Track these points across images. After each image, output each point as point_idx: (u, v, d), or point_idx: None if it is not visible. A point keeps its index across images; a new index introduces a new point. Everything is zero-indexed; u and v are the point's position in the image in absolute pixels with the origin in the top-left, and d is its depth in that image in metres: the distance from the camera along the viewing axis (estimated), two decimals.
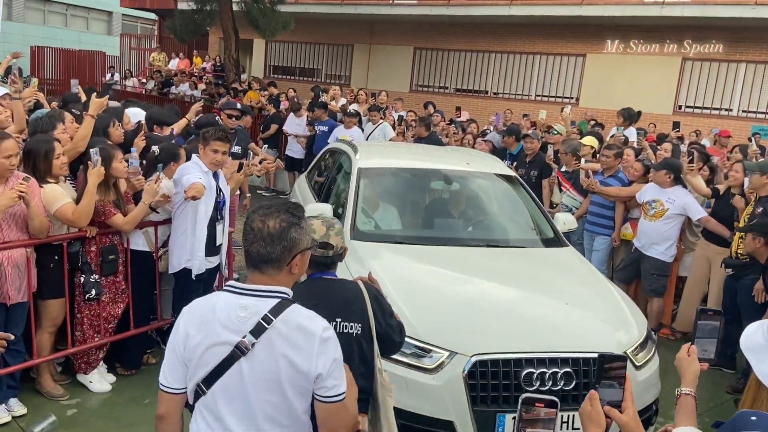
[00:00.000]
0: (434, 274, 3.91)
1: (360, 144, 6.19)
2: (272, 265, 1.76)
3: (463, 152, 6.39)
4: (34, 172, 3.69)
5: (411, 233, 4.55)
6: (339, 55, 18.90)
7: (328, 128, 9.28)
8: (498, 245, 4.38)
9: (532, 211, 4.91)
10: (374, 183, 4.84)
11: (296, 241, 1.78)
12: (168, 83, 17.17)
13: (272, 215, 1.76)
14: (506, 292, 3.76)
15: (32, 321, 3.77)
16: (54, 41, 23.41)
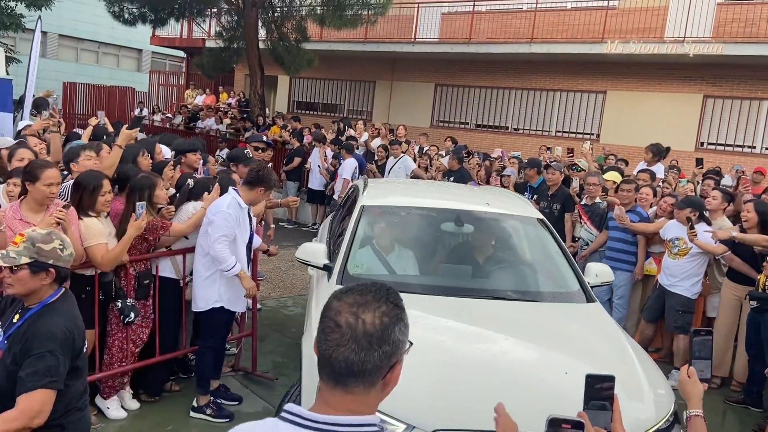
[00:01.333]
0: (419, 328, 3.18)
1: (375, 180, 5.81)
2: (364, 381, 1.23)
3: (488, 191, 5.79)
4: (79, 203, 3.82)
5: (407, 280, 4.01)
6: (361, 91, 19.25)
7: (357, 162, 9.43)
8: (507, 298, 3.78)
9: (557, 259, 4.23)
10: (376, 222, 4.43)
11: (399, 345, 1.26)
12: (195, 118, 17.62)
13: (369, 306, 1.25)
14: (500, 356, 3.07)
15: None
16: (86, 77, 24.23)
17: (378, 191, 4.86)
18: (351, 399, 1.24)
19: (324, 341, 1.23)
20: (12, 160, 4.39)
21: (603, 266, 4.33)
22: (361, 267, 4.04)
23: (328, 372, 1.23)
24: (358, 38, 16.92)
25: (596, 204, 6.48)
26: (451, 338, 3.26)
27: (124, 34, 25.74)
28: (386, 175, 9.55)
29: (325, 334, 1.24)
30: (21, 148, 4.55)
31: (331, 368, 1.22)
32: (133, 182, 4.13)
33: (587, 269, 4.23)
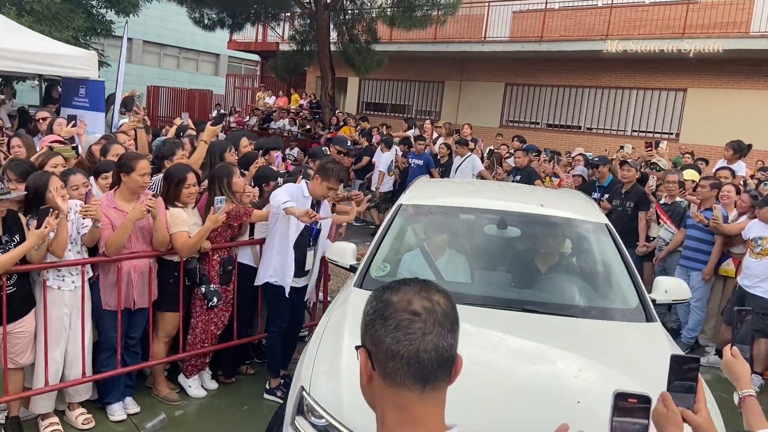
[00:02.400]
0: None
1: (426, 179, 5.38)
2: (447, 371, 1.14)
3: (549, 192, 5.28)
4: (166, 194, 4.10)
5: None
6: (429, 92, 19.30)
7: (424, 162, 9.50)
8: (545, 311, 3.26)
9: (617, 271, 3.69)
10: (411, 222, 4.14)
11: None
12: (268, 119, 18.19)
13: (432, 289, 1.17)
14: (512, 378, 2.65)
15: (150, 329, 4.14)
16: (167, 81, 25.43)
17: (421, 190, 4.57)
18: (437, 400, 1.12)
19: (404, 338, 1.09)
20: (107, 155, 4.75)
21: (676, 281, 3.74)
22: (385, 270, 3.72)
23: (415, 372, 1.09)
24: (428, 39, 16.99)
25: (676, 203, 6.28)
26: (474, 354, 2.71)
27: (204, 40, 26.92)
28: (452, 175, 9.56)
29: (402, 329, 1.10)
30: (114, 144, 4.90)
31: (419, 365, 1.08)
32: (212, 172, 4.38)
33: (656, 283, 3.66)
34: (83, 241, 3.76)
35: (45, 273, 3.61)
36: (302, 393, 2.62)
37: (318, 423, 2.49)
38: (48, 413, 3.77)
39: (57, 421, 3.78)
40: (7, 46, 7.21)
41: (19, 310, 3.53)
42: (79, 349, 3.78)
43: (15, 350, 3.54)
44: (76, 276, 3.74)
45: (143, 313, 4.06)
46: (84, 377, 3.83)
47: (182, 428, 4.00)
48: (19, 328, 3.53)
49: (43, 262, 3.57)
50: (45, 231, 3.32)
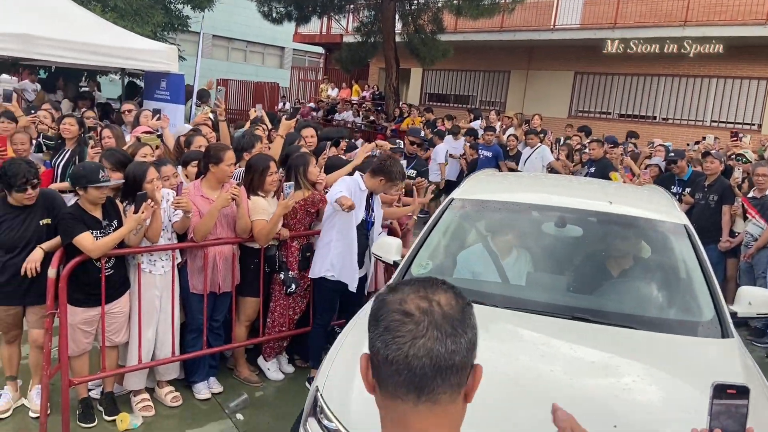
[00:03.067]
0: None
1: (480, 173, 5.01)
2: (451, 381, 0.97)
3: (621, 187, 4.79)
4: (250, 183, 4.23)
5: (480, 287, 3.33)
6: (494, 82, 19.02)
7: (493, 154, 9.38)
8: (604, 321, 2.92)
9: (693, 278, 3.30)
10: (461, 218, 3.84)
11: (476, 336, 1.02)
12: (332, 111, 18.42)
13: (437, 288, 1.02)
14: (549, 394, 2.26)
15: (233, 313, 4.29)
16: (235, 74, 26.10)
17: (476, 184, 4.25)
18: (439, 415, 0.97)
19: (392, 341, 0.96)
20: (190, 147, 4.93)
21: (761, 291, 3.32)
22: (426, 267, 3.46)
23: (406, 379, 0.95)
24: (494, 27, 16.72)
25: (766, 196, 5.97)
26: (506, 369, 2.51)
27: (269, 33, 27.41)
28: (520, 167, 9.41)
29: (391, 331, 0.96)
30: (197, 136, 5.09)
31: (410, 372, 0.95)
32: (289, 161, 4.48)
33: (740, 293, 3.26)
34: (174, 228, 3.94)
35: (140, 257, 3.80)
36: (317, 394, 2.53)
37: (329, 426, 2.37)
38: (140, 390, 3.97)
39: (148, 397, 3.98)
40: (95, 41, 7.58)
41: (116, 291, 3.73)
42: (169, 329, 3.96)
43: (111, 329, 3.75)
44: (166, 261, 3.92)
45: (227, 297, 4.21)
46: (173, 357, 4.01)
47: (263, 409, 4.13)
48: (115, 308, 3.73)
49: (138, 247, 3.76)
50: (143, 216, 3.50)
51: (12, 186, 3.50)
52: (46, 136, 5.74)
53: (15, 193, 3.53)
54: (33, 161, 3.88)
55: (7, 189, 3.55)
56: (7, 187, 3.54)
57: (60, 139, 5.49)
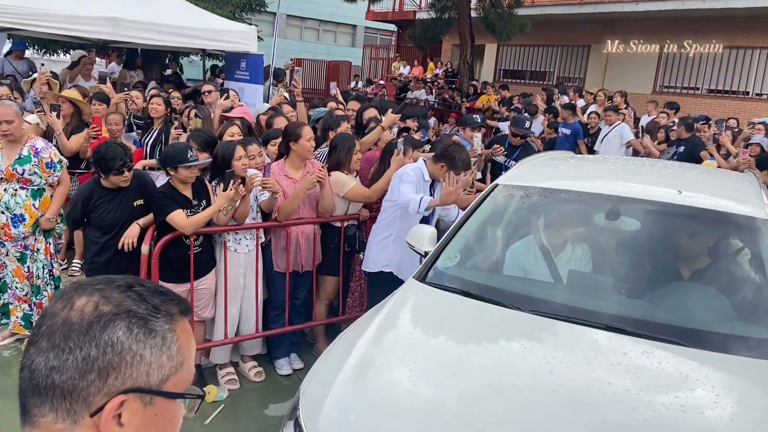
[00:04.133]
0: (469, 362, 2.34)
1: (536, 156, 4.51)
2: (52, 404, 0.78)
3: (699, 174, 4.08)
4: (336, 161, 4.26)
5: (511, 287, 2.92)
6: (573, 57, 18.29)
7: (572, 131, 9.04)
8: (658, 337, 2.39)
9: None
10: (504, 206, 3.39)
11: (123, 357, 0.80)
12: (405, 89, 18.29)
13: (90, 288, 0.84)
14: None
15: (314, 291, 4.35)
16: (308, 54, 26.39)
17: (529, 168, 3.77)
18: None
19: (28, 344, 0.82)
20: (272, 127, 5.01)
21: None
22: (455, 260, 3.10)
23: (19, 395, 0.81)
24: (575, 0, 16.03)
25: None
26: (524, 399, 2.09)
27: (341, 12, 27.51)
28: (597, 145, 9.02)
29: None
30: (278, 117, 5.16)
31: (20, 385, 0.81)
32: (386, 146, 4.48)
33: None
34: (261, 207, 4.02)
35: (226, 235, 3.91)
36: (298, 396, 2.37)
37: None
38: (225, 363, 4.11)
39: (233, 371, 4.11)
40: (178, 23, 7.80)
41: (203, 268, 3.85)
42: (253, 306, 4.07)
43: (199, 305, 3.88)
44: (250, 240, 4.01)
45: (308, 276, 4.27)
46: (257, 333, 4.12)
47: None
48: (203, 284, 3.86)
49: (226, 225, 3.86)
50: (232, 193, 3.58)
51: (110, 169, 3.64)
52: (135, 116, 5.98)
53: (112, 177, 3.68)
54: (126, 144, 4.03)
55: (105, 172, 3.68)
56: (104, 170, 3.68)
57: (149, 119, 5.70)
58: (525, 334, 2.50)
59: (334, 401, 2.11)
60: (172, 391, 0.82)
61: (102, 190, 3.76)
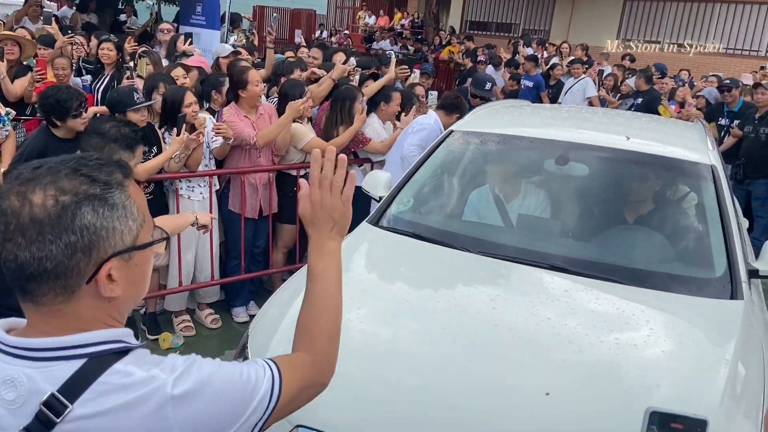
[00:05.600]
0: (419, 303, 2.38)
1: (492, 104, 4.48)
2: (52, 286, 0.91)
3: (648, 122, 4.11)
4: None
5: (462, 231, 2.96)
6: (538, 9, 18.17)
7: (534, 83, 9.05)
8: (588, 273, 2.49)
9: (710, 230, 2.79)
10: (457, 152, 3.39)
11: (98, 233, 0.92)
12: (370, 39, 17.97)
13: (41, 181, 0.91)
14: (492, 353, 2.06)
15: (270, 239, 4.34)
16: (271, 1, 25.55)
17: (484, 115, 3.76)
18: (48, 313, 0.92)
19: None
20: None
21: None
22: (408, 204, 3.13)
23: (9, 278, 0.92)
24: None
25: None
26: (467, 331, 2.16)
27: None
28: (562, 97, 9.07)
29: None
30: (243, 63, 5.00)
31: (8, 272, 0.91)
32: (336, 93, 4.42)
33: (765, 247, 2.73)
34: (213, 154, 3.95)
35: (177, 182, 3.84)
36: (247, 334, 2.35)
37: None
38: (180, 311, 4.10)
39: (189, 318, 4.11)
40: None
41: (154, 215, 3.76)
42: (208, 254, 4.04)
43: None
44: (204, 188, 3.94)
45: (266, 223, 4.26)
46: (212, 280, 4.11)
47: None
48: None
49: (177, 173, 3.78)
50: (185, 138, 3.51)
51: (67, 111, 3.32)
52: (85, 60, 5.75)
53: (70, 121, 3.35)
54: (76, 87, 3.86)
55: (60, 117, 3.36)
56: (60, 114, 3.35)
57: (99, 64, 5.48)
58: (473, 274, 2.56)
59: (281, 340, 2.13)
60: (144, 243, 0.98)
61: (57, 141, 3.41)
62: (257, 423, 1.02)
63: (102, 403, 0.89)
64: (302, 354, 1.15)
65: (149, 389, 0.91)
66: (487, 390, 1.90)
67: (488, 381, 1.94)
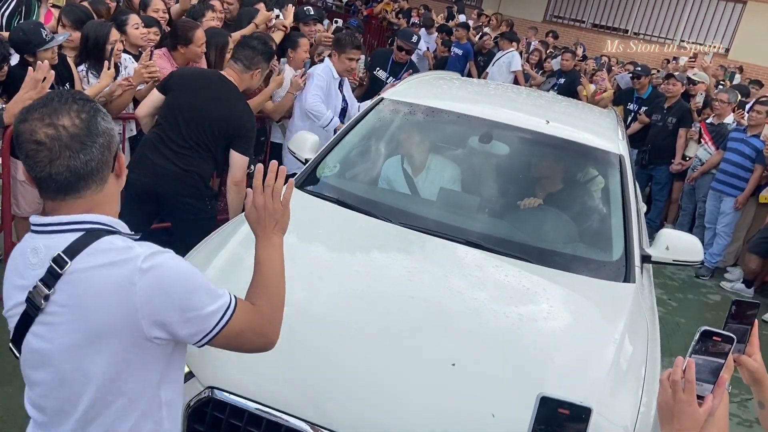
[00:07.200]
0: (337, 269, 2.42)
1: (423, 75, 4.52)
2: (95, 179, 1.23)
3: (569, 106, 4.28)
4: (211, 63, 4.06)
5: (384, 200, 3.01)
6: None
7: (463, 52, 9.12)
8: (495, 250, 2.62)
9: (612, 215, 2.98)
10: (385, 121, 3.44)
11: (111, 133, 1.26)
12: None
13: (61, 111, 1.20)
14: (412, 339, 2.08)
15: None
16: None
17: (414, 85, 3.79)
18: (85, 202, 1.23)
19: (35, 165, 1.19)
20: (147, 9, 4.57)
21: (689, 239, 2.93)
22: (332, 170, 3.18)
23: (53, 188, 1.21)
24: None
25: (723, 124, 6.09)
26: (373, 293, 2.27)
27: None
28: (490, 67, 9.23)
29: (31, 158, 1.19)
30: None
31: (56, 183, 1.20)
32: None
33: (659, 236, 2.92)
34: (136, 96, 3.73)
35: None
36: None
37: None
38: None
39: None
40: None
41: None
42: None
43: None
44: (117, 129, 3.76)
45: None
46: None
47: None
48: None
49: None
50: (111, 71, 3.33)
51: None
52: None
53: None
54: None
55: None
56: None
57: None
58: (392, 245, 2.62)
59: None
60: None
61: None
62: (212, 330, 1.26)
63: (91, 261, 1.20)
64: (253, 307, 1.36)
65: (126, 257, 1.20)
66: (399, 358, 1.99)
67: (401, 349, 2.03)
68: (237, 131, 3.08)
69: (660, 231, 2.99)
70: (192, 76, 3.23)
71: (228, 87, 3.10)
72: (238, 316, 1.29)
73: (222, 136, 3.07)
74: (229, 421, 1.85)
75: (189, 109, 3.02)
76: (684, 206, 6.61)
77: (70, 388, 1.25)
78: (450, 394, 1.90)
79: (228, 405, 1.85)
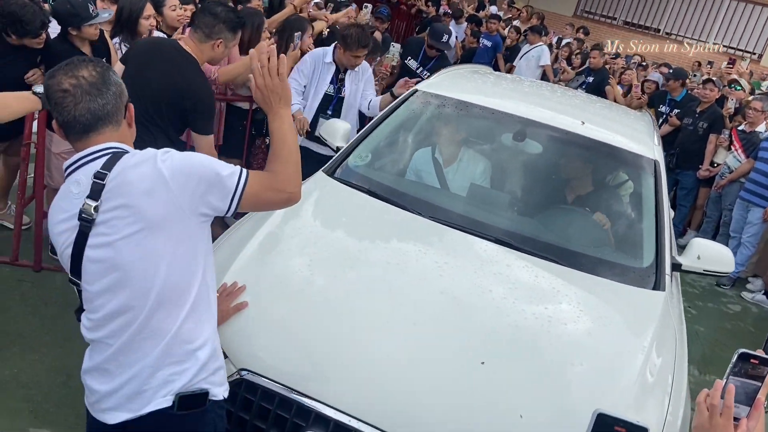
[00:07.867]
0: (368, 259, 2.41)
1: (457, 68, 4.48)
2: (111, 120, 1.50)
3: (602, 108, 4.11)
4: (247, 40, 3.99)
5: (415, 193, 2.98)
6: None
7: (492, 44, 9.04)
8: (527, 250, 2.58)
9: (644, 221, 2.92)
10: (419, 112, 3.45)
11: (121, 86, 1.53)
12: None
13: (79, 66, 1.48)
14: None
15: None
16: None
17: (448, 78, 3.77)
18: (104, 138, 1.50)
19: (62, 110, 1.46)
20: None
21: (721, 250, 2.87)
22: (365, 159, 3.14)
23: (79, 128, 1.48)
24: None
25: (755, 132, 5.97)
26: (409, 290, 2.24)
27: None
28: (517, 60, 9.15)
29: (59, 105, 1.45)
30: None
31: (80, 124, 1.47)
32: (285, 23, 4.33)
33: (691, 244, 2.85)
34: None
35: None
36: None
37: None
38: None
39: None
40: None
41: None
42: None
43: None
44: None
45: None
46: None
47: None
48: None
49: None
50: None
51: (27, 33, 3.17)
52: None
53: (27, 39, 3.21)
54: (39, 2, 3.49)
55: (20, 35, 3.20)
56: (21, 33, 3.19)
57: None
58: (421, 238, 2.60)
59: (232, 278, 2.15)
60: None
61: (6, 45, 3.26)
62: (235, 190, 1.49)
63: (124, 165, 1.44)
64: (268, 171, 1.60)
65: (148, 156, 1.46)
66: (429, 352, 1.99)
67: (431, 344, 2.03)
68: (192, 105, 2.81)
69: (692, 240, 2.93)
70: (146, 45, 3.04)
71: (183, 56, 2.81)
72: (253, 178, 1.52)
73: (174, 108, 2.81)
74: (260, 404, 1.86)
75: (139, 80, 2.73)
76: (709, 213, 6.52)
77: (136, 283, 1.44)
78: (478, 392, 1.90)
79: (260, 388, 1.87)
